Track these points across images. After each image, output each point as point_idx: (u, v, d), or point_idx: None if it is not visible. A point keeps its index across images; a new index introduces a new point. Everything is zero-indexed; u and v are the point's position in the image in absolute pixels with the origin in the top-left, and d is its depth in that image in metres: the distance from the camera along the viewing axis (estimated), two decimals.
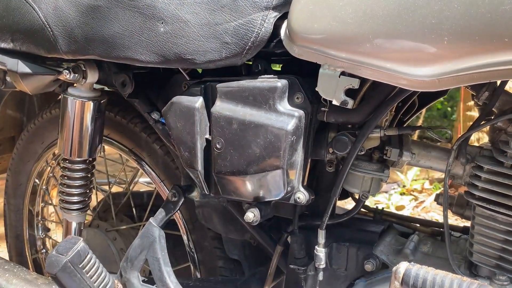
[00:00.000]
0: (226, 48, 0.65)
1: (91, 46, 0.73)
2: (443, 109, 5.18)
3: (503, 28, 0.46)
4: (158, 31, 0.68)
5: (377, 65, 0.53)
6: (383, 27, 0.52)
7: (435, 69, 0.51)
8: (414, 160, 0.67)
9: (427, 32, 0.49)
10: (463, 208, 0.69)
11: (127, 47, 0.70)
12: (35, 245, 1.23)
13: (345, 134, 0.65)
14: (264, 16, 0.63)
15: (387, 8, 0.51)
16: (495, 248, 0.62)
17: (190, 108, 0.69)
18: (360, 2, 0.53)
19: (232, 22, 0.64)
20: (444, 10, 0.48)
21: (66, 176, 0.92)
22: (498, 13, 0.45)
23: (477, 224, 0.63)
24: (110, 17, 0.71)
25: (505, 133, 0.59)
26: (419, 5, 0.49)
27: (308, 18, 0.58)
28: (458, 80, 0.51)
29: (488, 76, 0.49)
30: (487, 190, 0.59)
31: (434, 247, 0.73)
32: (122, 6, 0.70)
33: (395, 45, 0.52)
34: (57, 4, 0.75)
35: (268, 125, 0.63)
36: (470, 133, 0.61)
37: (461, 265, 0.67)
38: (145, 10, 0.68)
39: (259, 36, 0.63)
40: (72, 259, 0.71)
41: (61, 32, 0.75)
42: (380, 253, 0.71)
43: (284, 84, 0.63)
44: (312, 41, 0.58)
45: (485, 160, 0.60)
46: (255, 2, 0.63)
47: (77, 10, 0.73)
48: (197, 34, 0.66)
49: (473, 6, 0.46)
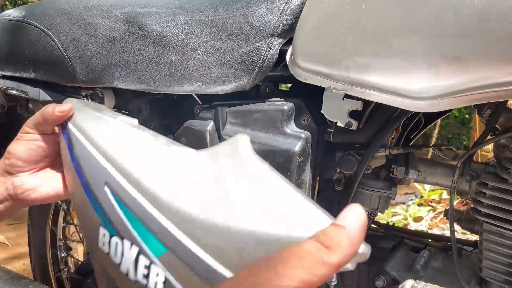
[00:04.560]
0: (234, 74, 0.67)
1: (107, 75, 0.77)
2: (461, 116, 5.12)
3: (498, 51, 0.47)
4: (170, 59, 0.71)
5: (378, 88, 0.56)
6: (383, 52, 0.54)
7: (435, 91, 0.52)
8: (420, 177, 0.69)
9: (426, 55, 0.51)
10: (472, 223, 0.70)
11: (141, 76, 0.74)
12: (58, 264, 1.27)
13: (351, 154, 0.67)
14: (270, 43, 0.66)
15: (385, 34, 0.53)
16: (504, 264, 0.62)
17: (202, 132, 0.72)
18: (359, 28, 0.55)
19: (239, 50, 0.67)
20: (440, 34, 0.50)
21: None
22: (493, 37, 0.47)
23: (485, 239, 0.64)
24: (125, 47, 0.75)
25: (508, 150, 0.60)
26: (416, 30, 0.51)
27: (311, 44, 0.60)
28: (458, 101, 0.52)
29: (486, 97, 0.51)
30: (492, 207, 0.60)
31: (445, 263, 0.74)
32: (136, 37, 0.74)
33: (395, 69, 0.54)
34: (75, 36, 0.79)
35: (276, 146, 0.65)
36: (474, 150, 0.62)
37: (472, 281, 0.68)
38: (157, 40, 0.72)
39: (265, 62, 0.66)
40: (92, 280, 0.74)
41: (79, 62, 0.79)
42: (391, 269, 0.72)
43: (291, 107, 0.66)
44: (315, 66, 0.61)
45: (490, 176, 0.61)
46: (261, 30, 0.66)
47: (94, 42, 0.77)
48: (206, 62, 0.69)
49: (469, 31, 0.48)
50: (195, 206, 0.46)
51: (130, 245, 0.52)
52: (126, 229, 0.53)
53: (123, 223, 0.53)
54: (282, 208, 0.39)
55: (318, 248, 0.31)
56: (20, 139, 0.63)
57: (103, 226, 0.55)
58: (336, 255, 0.31)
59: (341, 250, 0.31)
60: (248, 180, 0.43)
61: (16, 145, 0.63)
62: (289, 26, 0.65)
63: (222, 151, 0.48)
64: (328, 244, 0.31)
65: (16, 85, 0.86)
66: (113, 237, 0.54)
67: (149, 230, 0.50)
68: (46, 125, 0.62)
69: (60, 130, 0.63)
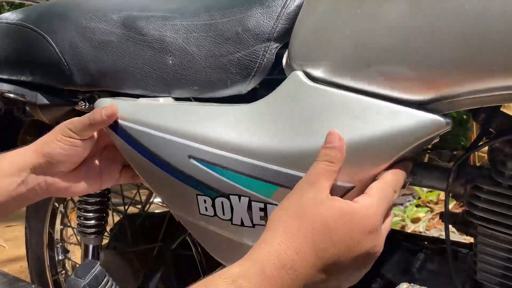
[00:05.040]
0: (231, 78, 0.68)
1: (104, 78, 0.77)
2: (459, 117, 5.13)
3: (492, 56, 0.48)
4: (167, 63, 0.72)
5: (373, 93, 0.56)
6: (378, 58, 0.54)
7: (429, 96, 0.53)
8: (416, 180, 0.69)
9: (421, 60, 0.52)
10: (467, 226, 0.70)
11: (138, 79, 0.74)
12: (55, 267, 1.27)
13: None
14: (266, 47, 0.66)
15: (380, 39, 0.54)
16: (498, 266, 0.63)
17: None
18: (355, 33, 0.56)
19: (236, 54, 0.67)
20: (435, 39, 0.51)
21: (83, 200, 0.96)
22: (487, 42, 0.48)
23: (479, 242, 0.64)
24: (122, 51, 0.75)
25: (503, 154, 0.61)
26: (411, 35, 0.52)
27: (307, 48, 0.61)
28: (453, 106, 0.53)
29: (480, 101, 0.51)
30: (487, 210, 0.61)
31: (441, 265, 0.74)
32: (133, 41, 0.74)
33: (391, 74, 0.55)
34: (72, 40, 0.79)
35: None
36: (468, 154, 0.62)
37: (466, 283, 0.68)
38: (154, 44, 0.72)
39: (262, 65, 0.66)
40: (90, 282, 0.74)
41: (76, 66, 0.79)
42: (387, 272, 0.73)
43: None
44: (311, 70, 0.61)
45: (484, 180, 0.62)
46: (257, 34, 0.66)
47: (91, 46, 0.77)
48: (203, 66, 0.69)
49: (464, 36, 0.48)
50: (279, 141, 0.55)
51: (238, 198, 0.58)
52: (229, 186, 0.58)
53: (223, 182, 0.59)
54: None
55: (328, 165, 0.50)
56: (62, 142, 0.66)
57: (201, 194, 0.61)
58: (337, 165, 0.50)
59: (338, 161, 0.50)
60: (309, 109, 0.55)
61: (56, 147, 0.66)
62: (286, 30, 0.66)
63: (278, 93, 0.59)
64: (332, 160, 0.50)
65: (13, 89, 0.87)
66: (216, 199, 0.60)
67: (252, 178, 0.57)
68: (91, 130, 0.67)
69: (111, 130, 0.67)
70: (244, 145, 0.57)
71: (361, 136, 0.51)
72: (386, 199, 0.50)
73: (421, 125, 0.51)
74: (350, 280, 0.50)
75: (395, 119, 0.51)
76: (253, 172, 0.57)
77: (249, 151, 0.57)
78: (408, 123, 0.51)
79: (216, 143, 0.59)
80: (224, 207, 0.60)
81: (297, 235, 0.45)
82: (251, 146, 0.57)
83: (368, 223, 0.47)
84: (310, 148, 0.53)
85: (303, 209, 0.47)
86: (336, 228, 0.46)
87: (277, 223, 0.47)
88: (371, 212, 0.47)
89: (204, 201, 0.61)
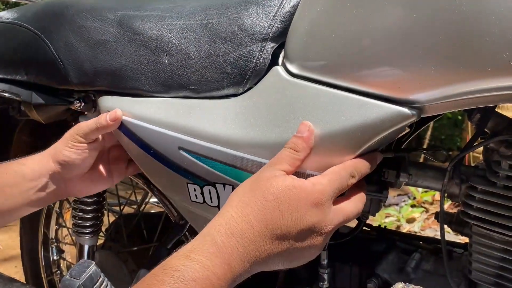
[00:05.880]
0: (227, 78, 0.68)
1: (100, 78, 0.77)
2: (453, 118, 5.16)
3: (487, 57, 0.48)
4: (163, 63, 0.71)
5: (368, 94, 0.56)
6: (373, 58, 0.54)
7: (424, 96, 0.53)
8: (411, 180, 0.69)
9: (416, 60, 0.52)
10: (462, 226, 0.71)
11: (134, 79, 0.74)
12: (50, 267, 1.26)
13: None
14: (262, 47, 0.66)
15: (375, 39, 0.54)
16: (493, 266, 0.63)
17: None
18: (349, 33, 0.56)
19: (232, 53, 0.67)
20: (430, 39, 0.51)
21: (78, 200, 0.96)
22: (482, 43, 0.48)
23: (474, 242, 0.64)
24: (117, 50, 0.75)
25: (497, 154, 0.61)
26: (407, 35, 0.52)
27: (302, 48, 0.61)
28: (447, 106, 0.53)
29: (475, 102, 0.52)
30: (481, 210, 0.61)
31: (436, 265, 0.75)
32: (129, 40, 0.74)
33: (385, 73, 0.55)
34: (68, 40, 0.79)
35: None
36: (463, 154, 0.63)
37: (461, 283, 0.68)
38: (150, 44, 0.72)
39: (258, 65, 0.66)
40: (85, 283, 0.74)
41: (71, 65, 0.79)
42: (382, 272, 0.73)
43: None
44: (306, 70, 0.61)
45: (479, 180, 0.62)
46: (253, 34, 0.66)
47: (87, 45, 0.77)
48: (199, 65, 0.69)
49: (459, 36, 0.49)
50: (259, 133, 0.59)
51: (223, 187, 0.63)
52: (214, 175, 0.63)
53: (209, 172, 0.63)
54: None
55: (292, 152, 0.54)
56: (75, 148, 0.72)
57: (191, 183, 0.66)
58: (301, 153, 0.54)
59: (303, 150, 0.54)
60: (286, 102, 0.58)
61: (70, 154, 0.72)
62: (282, 30, 0.66)
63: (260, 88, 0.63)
64: (297, 149, 0.54)
65: (8, 88, 0.86)
66: (204, 187, 0.65)
67: (236, 168, 0.61)
68: (98, 133, 0.72)
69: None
70: (228, 137, 0.61)
71: (331, 127, 0.54)
72: (338, 181, 0.52)
73: (388, 116, 0.52)
74: (299, 258, 0.52)
75: (363, 111, 0.53)
76: (236, 163, 0.61)
77: (233, 143, 0.61)
78: (375, 115, 0.53)
79: (203, 135, 0.63)
80: (212, 195, 0.65)
81: (248, 205, 0.49)
82: (234, 138, 0.61)
83: (312, 197, 0.50)
84: (286, 140, 0.56)
85: (257, 183, 0.51)
86: (284, 201, 0.49)
87: (232, 197, 0.52)
88: (318, 188, 0.50)
89: (194, 189, 0.66)
